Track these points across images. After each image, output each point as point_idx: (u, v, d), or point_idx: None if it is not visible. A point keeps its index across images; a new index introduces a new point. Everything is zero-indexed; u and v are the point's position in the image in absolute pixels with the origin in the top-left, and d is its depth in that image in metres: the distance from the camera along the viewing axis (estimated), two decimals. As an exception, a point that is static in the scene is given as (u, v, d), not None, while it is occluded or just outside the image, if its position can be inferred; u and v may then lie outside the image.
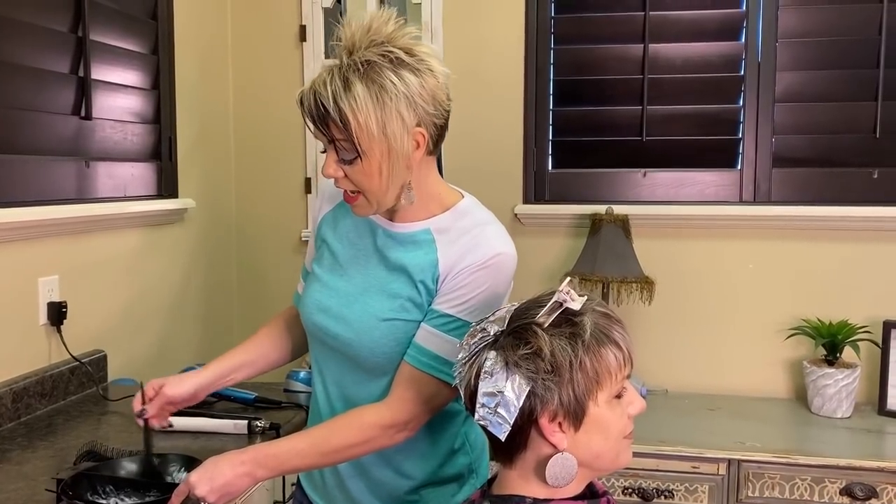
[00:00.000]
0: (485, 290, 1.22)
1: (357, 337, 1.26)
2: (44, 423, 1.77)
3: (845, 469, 1.98)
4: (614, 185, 2.59)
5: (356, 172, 1.19)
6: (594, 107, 2.59)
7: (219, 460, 1.19)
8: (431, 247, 1.25)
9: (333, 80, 1.15)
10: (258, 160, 2.76)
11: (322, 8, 2.66)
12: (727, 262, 2.51)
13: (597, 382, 0.98)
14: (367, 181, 1.20)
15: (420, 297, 1.24)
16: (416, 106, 1.17)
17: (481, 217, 1.28)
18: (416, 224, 1.27)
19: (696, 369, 2.53)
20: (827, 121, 2.46)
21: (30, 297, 1.86)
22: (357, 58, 1.16)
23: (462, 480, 1.36)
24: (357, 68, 1.15)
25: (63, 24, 1.97)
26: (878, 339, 2.33)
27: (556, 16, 2.58)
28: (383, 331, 1.25)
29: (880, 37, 2.38)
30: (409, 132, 1.18)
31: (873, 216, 2.39)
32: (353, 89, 1.14)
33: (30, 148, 1.88)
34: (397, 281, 1.26)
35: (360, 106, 1.14)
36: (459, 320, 1.21)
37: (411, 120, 1.18)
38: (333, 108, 1.14)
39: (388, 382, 1.26)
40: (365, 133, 1.15)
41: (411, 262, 1.25)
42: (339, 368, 1.32)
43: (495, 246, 1.23)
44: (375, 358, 1.26)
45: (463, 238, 1.24)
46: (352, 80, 1.15)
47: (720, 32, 2.51)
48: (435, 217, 1.27)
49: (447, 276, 1.23)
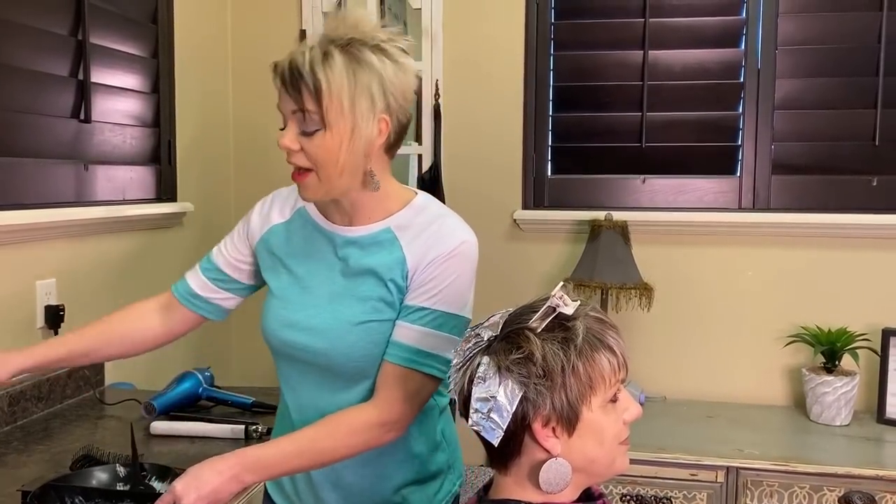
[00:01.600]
0: (454, 278, 1.23)
1: (331, 345, 1.25)
2: (40, 427, 1.77)
3: (844, 477, 1.98)
4: (613, 191, 2.59)
5: (315, 146, 1.18)
6: (594, 113, 2.59)
7: (203, 467, 1.15)
8: (395, 244, 1.25)
9: (314, 49, 1.17)
10: (257, 165, 2.76)
11: (322, 12, 2.66)
12: (726, 269, 2.51)
13: (590, 387, 0.98)
14: (324, 156, 1.18)
15: (391, 295, 1.24)
16: (387, 93, 1.18)
17: (439, 210, 1.29)
18: (374, 225, 1.27)
19: (694, 376, 2.53)
20: (826, 128, 2.46)
21: (27, 300, 1.86)
22: (339, 35, 1.17)
23: (442, 477, 1.36)
24: (339, 43, 1.16)
25: (63, 27, 1.97)
26: (877, 347, 2.32)
27: (556, 22, 2.59)
28: (358, 334, 1.24)
29: (879, 45, 2.38)
30: (376, 116, 1.19)
31: (872, 224, 2.39)
32: (331, 59, 1.15)
33: (29, 151, 1.88)
34: (364, 284, 1.25)
35: (335, 76, 1.15)
36: (434, 311, 1.22)
37: (381, 104, 1.18)
38: (308, 74, 1.15)
39: (368, 387, 1.26)
40: (335, 103, 1.15)
41: (377, 263, 1.25)
42: (314, 381, 1.30)
43: (459, 235, 1.25)
44: (353, 363, 1.25)
45: (425, 232, 1.25)
46: (331, 51, 1.16)
47: (720, 39, 2.51)
48: (393, 215, 1.27)
49: (416, 270, 1.23)
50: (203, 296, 1.41)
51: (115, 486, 1.33)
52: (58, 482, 1.32)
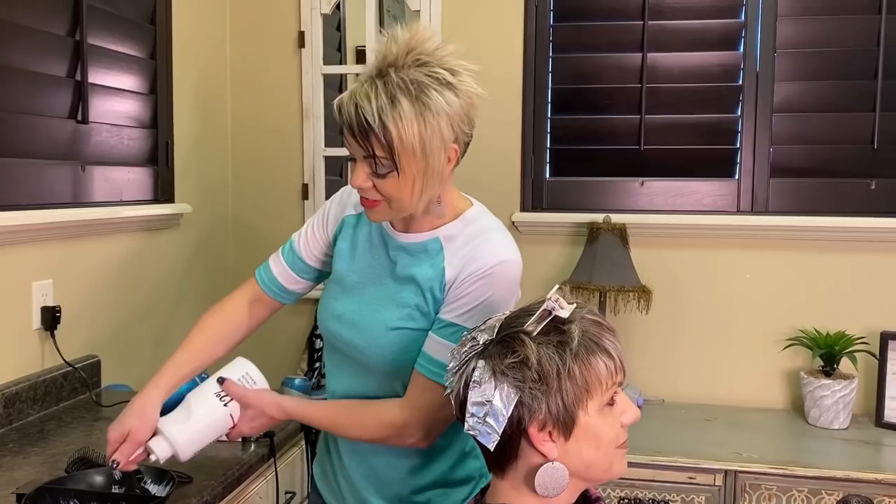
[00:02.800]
0: (487, 298, 1.23)
1: (367, 344, 1.29)
2: (36, 429, 1.76)
3: (842, 481, 1.97)
4: (612, 193, 2.59)
5: (388, 186, 1.19)
6: (592, 115, 2.59)
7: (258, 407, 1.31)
8: (440, 255, 1.26)
9: (379, 95, 1.15)
10: (255, 166, 2.75)
11: (321, 14, 2.66)
12: (724, 272, 2.50)
13: (586, 391, 0.97)
14: (397, 194, 1.20)
15: (427, 305, 1.26)
16: (455, 126, 1.19)
17: (488, 224, 1.29)
18: (426, 234, 1.29)
19: (693, 379, 2.52)
20: (825, 131, 2.46)
21: (23, 302, 1.86)
22: (403, 75, 1.15)
23: (473, 484, 1.37)
24: (403, 86, 1.15)
25: (61, 27, 1.97)
26: (876, 351, 2.32)
27: (554, 24, 2.58)
28: (391, 339, 1.27)
29: (878, 48, 2.38)
30: (447, 150, 1.20)
31: (871, 227, 2.38)
32: (399, 107, 1.14)
33: (26, 151, 1.88)
34: (406, 290, 1.28)
35: (405, 124, 1.14)
36: (464, 328, 1.21)
37: (450, 138, 1.19)
38: (378, 125, 1.14)
39: (399, 388, 1.29)
40: (407, 150, 1.16)
41: (420, 272, 1.26)
42: (351, 373, 1.35)
43: (498, 254, 1.24)
44: (385, 365, 1.29)
45: (467, 246, 1.25)
46: (398, 97, 1.14)
47: (719, 42, 2.51)
48: (445, 225, 1.28)
49: (452, 284, 1.24)
50: (290, 288, 1.45)
51: (111, 488, 1.33)
52: (52, 485, 1.31)
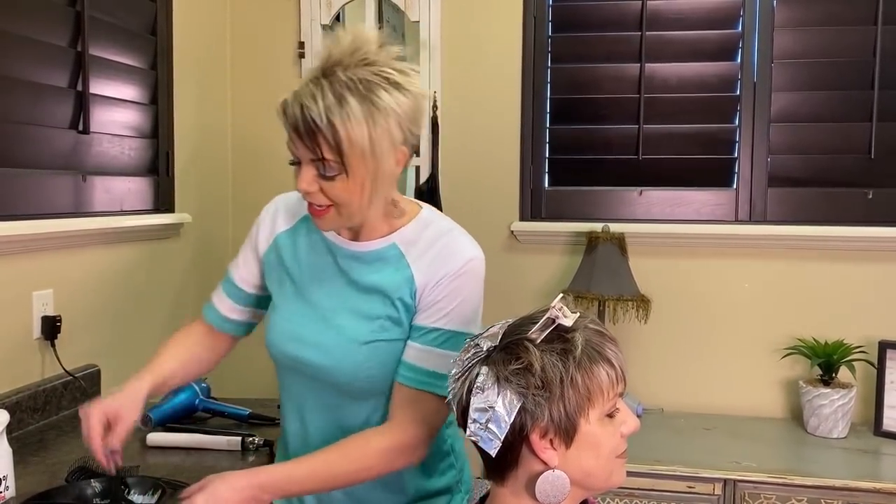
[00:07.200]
0: (465, 296, 1.22)
1: (336, 363, 1.23)
2: (36, 439, 1.76)
3: (841, 490, 1.97)
4: (610, 203, 2.59)
5: (335, 189, 1.15)
6: (591, 125, 2.60)
7: (221, 485, 1.13)
8: (402, 262, 1.23)
9: (326, 94, 1.11)
10: (255, 176, 2.76)
11: (321, 25, 2.67)
12: (723, 281, 2.51)
13: (588, 399, 0.98)
14: (346, 197, 1.16)
15: (398, 313, 1.22)
16: (404, 128, 1.16)
17: (445, 225, 1.27)
18: (379, 241, 1.24)
19: (691, 388, 2.53)
20: (822, 141, 2.47)
21: (24, 311, 1.86)
22: (351, 74, 1.12)
23: (451, 492, 1.35)
24: (351, 85, 1.12)
25: (62, 38, 1.98)
26: (874, 360, 2.32)
27: (553, 35, 2.60)
28: (366, 354, 1.22)
29: (875, 58, 2.39)
30: (396, 152, 1.17)
31: (868, 237, 2.39)
32: (348, 106, 1.11)
33: (27, 161, 1.88)
34: (371, 301, 1.23)
35: (354, 124, 1.11)
36: (445, 331, 1.21)
37: (399, 139, 1.16)
38: (326, 125, 1.11)
39: (373, 403, 1.25)
40: (356, 151, 1.12)
41: (385, 281, 1.22)
42: (318, 395, 1.28)
43: (467, 252, 1.23)
44: (359, 382, 1.24)
45: (433, 249, 1.23)
46: (346, 96, 1.11)
47: (716, 53, 2.53)
48: (398, 230, 1.25)
49: (425, 289, 1.21)
50: (234, 319, 1.40)
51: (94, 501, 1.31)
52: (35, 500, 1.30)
